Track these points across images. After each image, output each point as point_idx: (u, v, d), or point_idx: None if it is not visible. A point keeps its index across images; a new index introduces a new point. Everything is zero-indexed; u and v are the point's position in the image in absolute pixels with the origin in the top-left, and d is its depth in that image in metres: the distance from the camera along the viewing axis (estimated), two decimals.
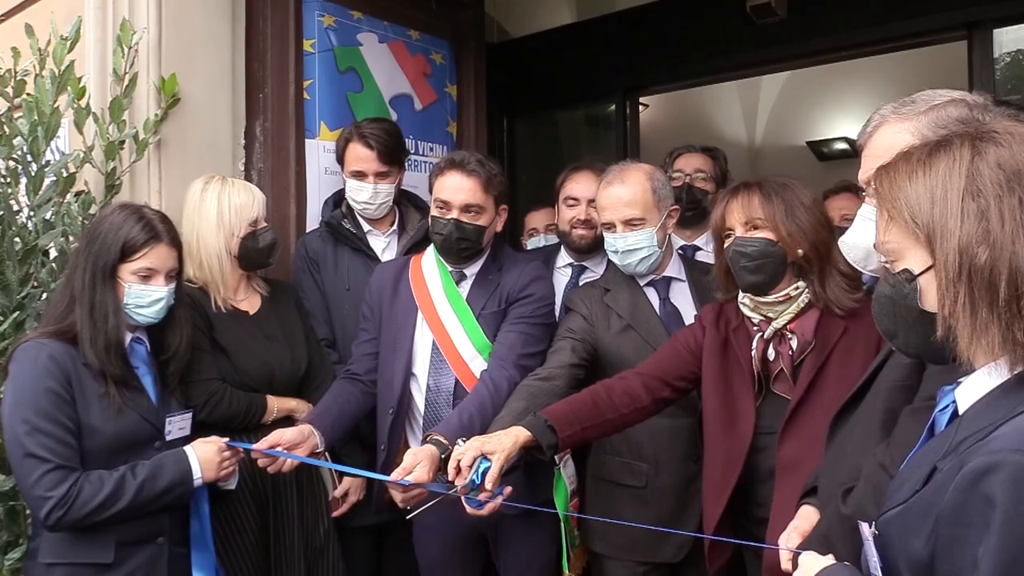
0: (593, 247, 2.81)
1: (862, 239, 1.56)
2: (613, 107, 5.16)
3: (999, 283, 0.98)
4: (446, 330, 2.42)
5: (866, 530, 1.12)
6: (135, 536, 1.99)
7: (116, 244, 2.00)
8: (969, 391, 1.07)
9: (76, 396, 1.94)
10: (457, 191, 2.37)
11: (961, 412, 1.07)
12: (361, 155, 2.72)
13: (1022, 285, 0.98)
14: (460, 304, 2.45)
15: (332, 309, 2.75)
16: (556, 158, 5.71)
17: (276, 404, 2.46)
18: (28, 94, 2.45)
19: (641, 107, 5.29)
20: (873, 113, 1.54)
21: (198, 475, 2.03)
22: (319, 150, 3.09)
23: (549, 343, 2.41)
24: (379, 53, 3.32)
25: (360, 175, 2.73)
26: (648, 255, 2.37)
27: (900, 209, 1.08)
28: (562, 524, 2.18)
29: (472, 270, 2.49)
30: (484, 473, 1.82)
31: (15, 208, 2.43)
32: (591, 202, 2.74)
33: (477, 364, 2.40)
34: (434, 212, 2.43)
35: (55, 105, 2.44)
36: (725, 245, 2.07)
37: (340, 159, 2.81)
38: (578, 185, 2.83)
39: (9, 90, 2.46)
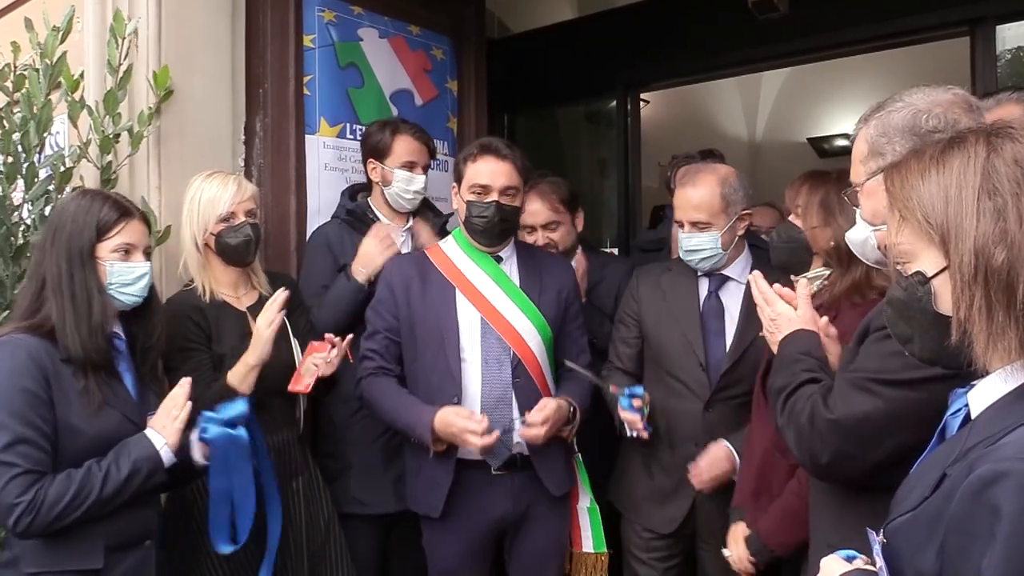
0: None
1: (857, 235, 1.64)
2: (614, 103, 5.15)
3: (1017, 285, 0.95)
4: (492, 305, 2.44)
5: (873, 539, 1.09)
6: (124, 540, 1.92)
7: (90, 224, 1.93)
8: (982, 395, 1.03)
9: (55, 395, 1.84)
10: (496, 175, 2.42)
11: (973, 416, 1.04)
12: (413, 148, 2.84)
13: None
14: (507, 282, 2.48)
15: None
16: (556, 154, 5.71)
17: (236, 375, 2.33)
18: (27, 88, 2.43)
19: (642, 103, 5.28)
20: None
21: (161, 443, 1.91)
22: (319, 146, 3.08)
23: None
24: (380, 49, 3.31)
25: (412, 166, 2.83)
26: (710, 256, 2.48)
27: (913, 209, 1.05)
28: (589, 505, 2.58)
29: (507, 252, 2.54)
30: (633, 394, 2.34)
31: (14, 204, 2.42)
32: (545, 227, 2.93)
33: (535, 341, 2.46)
34: (469, 197, 2.45)
35: (48, 98, 2.41)
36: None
37: (379, 151, 2.83)
38: (528, 208, 2.85)
39: (9, 84, 2.45)
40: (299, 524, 2.46)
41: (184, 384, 1.98)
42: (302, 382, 2.40)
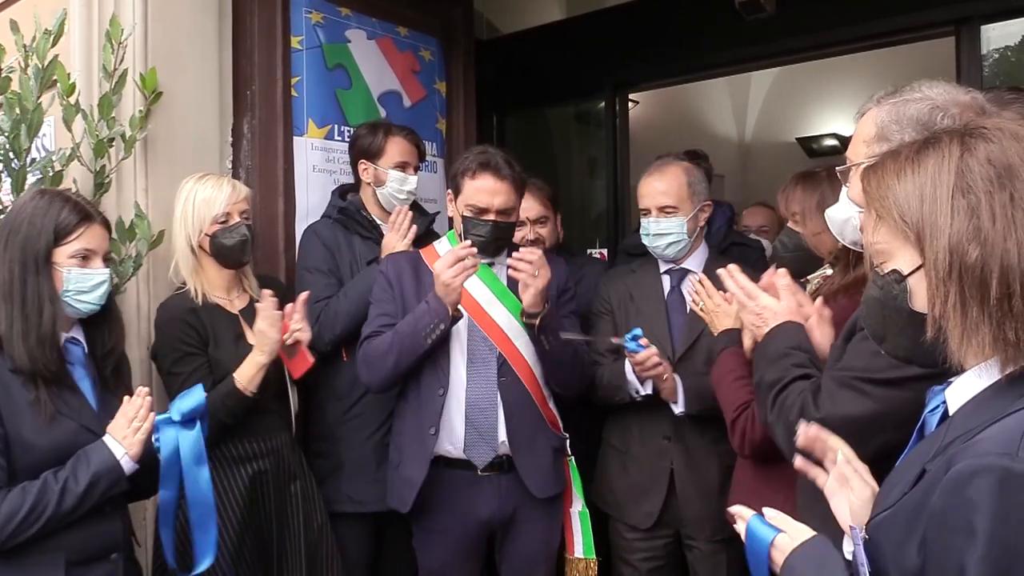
0: None
1: (839, 214, 1.64)
2: (602, 104, 5.15)
3: (990, 281, 0.96)
4: (480, 305, 2.44)
5: (856, 535, 1.10)
6: (87, 553, 1.82)
7: (47, 228, 1.83)
8: (959, 392, 1.05)
9: (3, 409, 1.75)
10: (494, 195, 2.42)
11: (951, 413, 1.05)
12: (406, 148, 2.90)
13: (1014, 283, 0.95)
14: (496, 283, 2.49)
15: None
16: (546, 155, 5.70)
17: (244, 375, 2.35)
18: (12, 91, 2.41)
19: (631, 104, 5.29)
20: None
21: (121, 453, 1.81)
22: (307, 147, 3.08)
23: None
24: (368, 50, 3.31)
25: (405, 166, 2.88)
26: (676, 241, 2.58)
27: (889, 208, 1.06)
28: (581, 510, 2.58)
29: (500, 258, 2.54)
30: (635, 336, 2.38)
31: (2, 206, 2.40)
32: (535, 222, 3.01)
33: (522, 340, 2.46)
34: (466, 213, 2.44)
35: (39, 101, 2.39)
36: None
37: (371, 152, 2.86)
38: (523, 204, 2.85)
39: None
40: (297, 528, 2.46)
41: (142, 392, 1.89)
42: (304, 359, 2.46)
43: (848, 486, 1.19)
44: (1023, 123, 1.05)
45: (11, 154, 2.37)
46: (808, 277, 2.08)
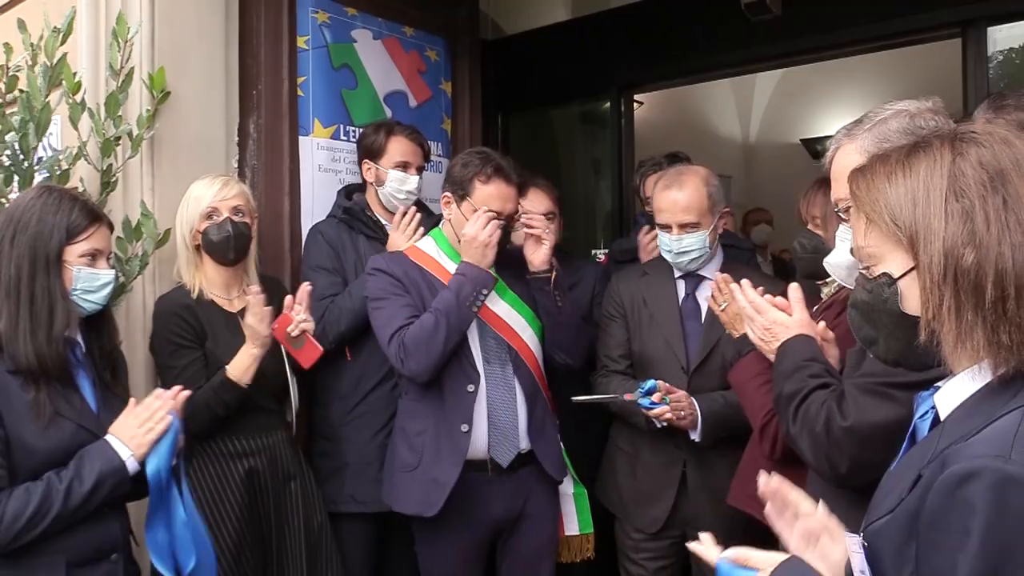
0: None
1: (843, 259, 1.64)
2: (607, 104, 5.15)
3: (985, 284, 0.96)
4: (488, 307, 2.45)
5: (854, 542, 1.09)
6: (87, 555, 1.80)
7: (59, 225, 1.82)
8: (949, 396, 1.05)
9: (3, 409, 1.73)
10: (506, 201, 2.44)
11: (943, 418, 1.05)
12: (408, 148, 2.88)
13: (1008, 286, 0.95)
14: (499, 284, 2.49)
15: None
16: (551, 155, 5.71)
17: (238, 368, 2.35)
18: (20, 90, 2.42)
19: (635, 105, 5.29)
20: (833, 136, 1.62)
21: (127, 454, 1.80)
22: (312, 147, 3.09)
23: None
24: (373, 50, 3.32)
25: (406, 166, 2.86)
26: (699, 256, 2.52)
27: (880, 212, 1.06)
28: (574, 490, 2.65)
29: None
30: (650, 390, 2.35)
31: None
32: (543, 215, 2.93)
33: (527, 333, 2.52)
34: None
35: (47, 100, 2.39)
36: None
37: (373, 151, 2.86)
38: (527, 203, 2.85)
39: (1, 86, 2.44)
40: (297, 527, 2.47)
41: (163, 396, 1.89)
42: (312, 348, 2.46)
43: (817, 542, 1.21)
44: (1012, 129, 1.06)
45: (20, 153, 2.37)
46: (826, 280, 2.08)
